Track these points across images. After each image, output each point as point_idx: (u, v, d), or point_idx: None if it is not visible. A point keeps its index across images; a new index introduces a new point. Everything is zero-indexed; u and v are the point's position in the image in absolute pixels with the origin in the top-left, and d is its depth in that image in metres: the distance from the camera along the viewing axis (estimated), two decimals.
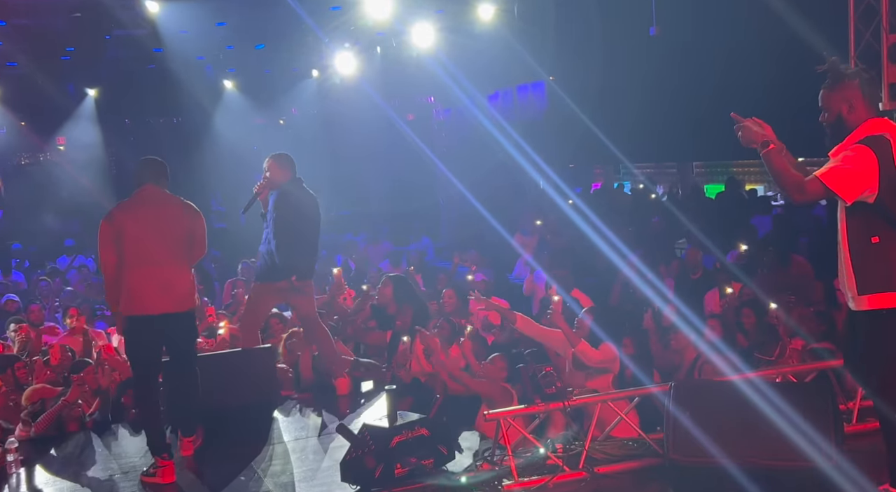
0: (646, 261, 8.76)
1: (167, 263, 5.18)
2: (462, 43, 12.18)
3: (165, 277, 5.16)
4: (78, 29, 11.36)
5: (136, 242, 5.13)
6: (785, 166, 3.81)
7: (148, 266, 5.13)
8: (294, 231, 6.36)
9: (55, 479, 5.40)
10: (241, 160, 16.91)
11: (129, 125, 18.21)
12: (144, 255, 5.13)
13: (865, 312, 3.84)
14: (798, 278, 8.07)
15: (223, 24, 12.26)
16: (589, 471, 4.70)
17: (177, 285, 5.21)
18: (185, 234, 5.29)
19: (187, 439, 5.51)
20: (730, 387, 4.82)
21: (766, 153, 3.81)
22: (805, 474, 4.23)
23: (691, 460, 4.44)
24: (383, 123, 15.49)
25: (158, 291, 5.12)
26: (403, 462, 4.65)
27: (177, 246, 5.25)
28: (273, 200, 6.46)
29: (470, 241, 12.13)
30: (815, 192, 3.77)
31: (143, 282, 5.11)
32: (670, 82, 11.18)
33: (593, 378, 5.71)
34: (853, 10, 6.99)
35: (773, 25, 9.06)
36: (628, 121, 11.86)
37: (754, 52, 9.98)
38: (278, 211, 6.38)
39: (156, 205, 5.27)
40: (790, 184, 3.79)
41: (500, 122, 13.33)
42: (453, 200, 15.09)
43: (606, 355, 5.69)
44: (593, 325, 5.83)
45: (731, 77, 10.30)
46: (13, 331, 7.69)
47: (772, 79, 9.72)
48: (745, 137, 3.89)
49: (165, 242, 5.20)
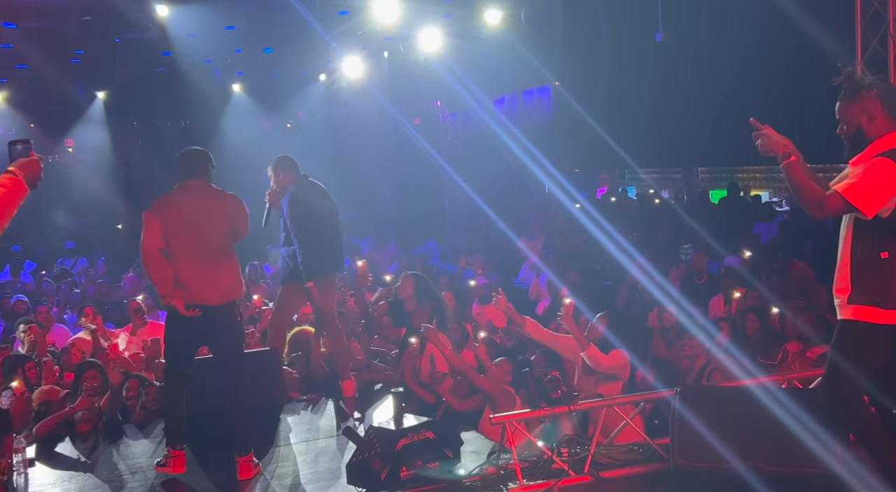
0: (652, 264, 8.79)
1: (210, 258, 5.15)
2: (469, 47, 12.21)
3: (208, 272, 5.14)
4: (88, 32, 11.41)
5: (177, 237, 5.10)
6: (805, 180, 3.70)
7: (189, 262, 5.10)
8: (310, 233, 6.46)
9: (62, 480, 5.42)
10: (248, 163, 16.95)
11: (138, 128, 18.28)
12: (186, 249, 5.11)
13: (846, 321, 3.81)
14: (800, 283, 8.08)
15: (232, 27, 12.30)
16: (594, 475, 4.71)
17: (222, 278, 5.19)
18: (228, 227, 5.27)
19: (243, 458, 5.14)
20: (735, 392, 4.84)
21: (786, 165, 3.71)
22: (811, 480, 4.25)
23: (697, 466, 4.45)
24: (390, 127, 15.54)
25: (202, 285, 5.11)
26: (409, 465, 4.67)
27: (219, 239, 5.22)
28: (285, 204, 6.54)
29: (476, 244, 12.16)
30: (835, 207, 3.68)
31: (186, 277, 5.09)
32: (677, 87, 11.19)
33: (603, 384, 5.72)
34: (860, 16, 6.99)
35: (780, 32, 9.09)
36: (634, 126, 11.88)
37: (761, 59, 9.99)
38: (292, 215, 6.48)
39: (195, 199, 5.24)
40: (810, 199, 3.69)
41: (507, 126, 13.36)
42: (459, 203, 15.12)
43: (617, 362, 5.68)
44: (607, 331, 5.82)
45: (738, 83, 10.32)
46: (23, 331, 7.73)
47: (779, 85, 9.73)
48: (765, 145, 3.79)
49: (206, 237, 5.16)
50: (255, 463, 5.19)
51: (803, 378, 5.35)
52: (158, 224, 5.10)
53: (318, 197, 6.63)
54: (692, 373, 6.43)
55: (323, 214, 6.61)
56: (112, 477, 5.40)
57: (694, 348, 6.58)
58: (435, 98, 16.80)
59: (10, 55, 12.96)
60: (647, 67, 11.54)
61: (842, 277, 3.83)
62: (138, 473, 5.41)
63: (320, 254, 6.50)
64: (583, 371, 5.81)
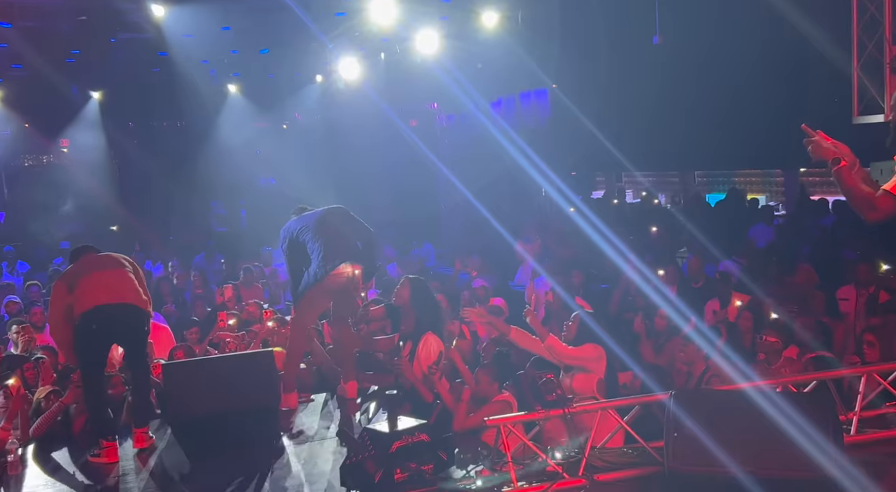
0: (648, 267, 8.77)
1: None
2: (466, 49, 12.21)
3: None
4: (83, 32, 11.41)
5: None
6: (855, 184, 3.65)
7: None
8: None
9: (52, 480, 5.40)
10: (243, 164, 16.95)
11: (133, 128, 18.26)
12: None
13: None
14: (802, 287, 8.07)
15: (228, 28, 12.29)
16: (589, 478, 4.70)
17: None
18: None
19: (140, 430, 5.83)
20: (729, 396, 4.83)
21: (836, 171, 3.66)
22: (805, 484, 4.24)
23: (691, 469, 4.44)
24: (386, 129, 15.52)
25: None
26: (403, 467, 4.65)
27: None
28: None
29: (472, 247, 12.14)
30: (886, 207, 3.61)
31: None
32: (674, 91, 11.20)
33: (576, 375, 5.65)
34: (856, 21, 7.01)
35: (776, 35, 9.10)
36: (631, 129, 11.89)
37: (758, 62, 10.00)
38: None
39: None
40: (862, 203, 3.64)
41: (504, 128, 13.36)
42: (456, 205, 15.10)
43: (585, 354, 5.62)
44: (581, 325, 5.78)
45: (735, 86, 10.32)
46: (15, 332, 7.69)
47: (776, 88, 9.74)
48: (815, 152, 3.74)
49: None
50: (149, 436, 5.83)
51: (798, 382, 5.35)
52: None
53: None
54: (692, 380, 6.39)
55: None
56: (104, 477, 5.38)
57: (691, 355, 6.54)
58: (432, 100, 16.81)
59: (6, 55, 12.95)
60: (644, 70, 11.54)
61: None
62: (130, 474, 5.39)
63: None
64: (563, 370, 5.78)
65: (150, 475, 5.38)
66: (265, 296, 10.06)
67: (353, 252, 6.56)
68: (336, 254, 6.46)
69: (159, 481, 5.27)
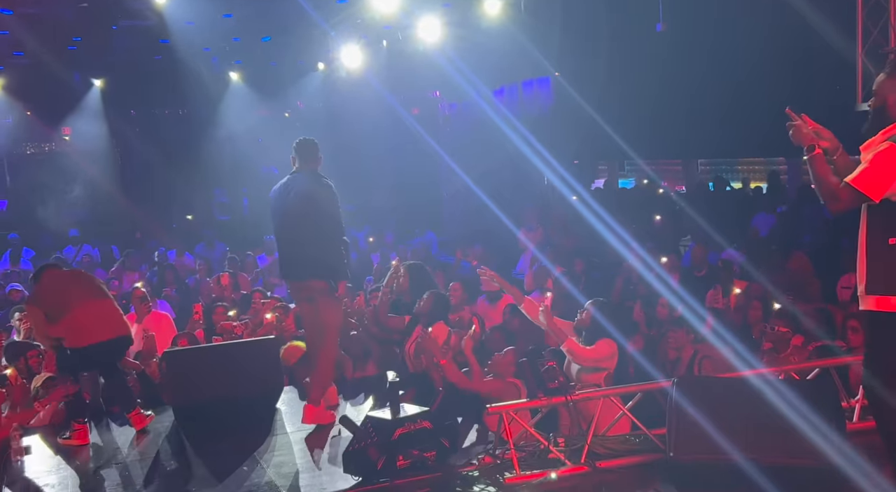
0: (651, 255, 8.77)
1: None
2: (468, 37, 12.15)
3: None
4: (85, 19, 11.37)
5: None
6: (824, 173, 3.65)
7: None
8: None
9: (57, 467, 5.42)
10: (245, 152, 16.92)
11: (135, 116, 18.21)
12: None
13: (869, 314, 3.80)
14: (797, 275, 8.07)
15: (229, 16, 12.25)
16: (591, 465, 4.70)
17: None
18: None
19: (132, 413, 5.99)
20: (732, 383, 4.83)
21: (810, 157, 3.68)
22: (808, 471, 4.24)
23: (693, 457, 4.44)
24: (389, 117, 15.48)
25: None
26: (406, 454, 4.66)
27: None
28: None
29: (475, 235, 12.14)
30: (849, 198, 3.64)
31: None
32: (677, 79, 11.14)
33: (586, 374, 5.66)
34: (861, 7, 6.97)
35: (780, 22, 9.05)
36: (634, 117, 11.84)
37: (762, 49, 9.94)
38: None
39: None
40: (826, 192, 3.65)
41: (507, 116, 13.31)
42: (458, 194, 15.07)
43: (600, 353, 5.60)
44: (594, 318, 5.76)
45: (739, 74, 10.27)
46: (18, 320, 7.71)
47: (780, 76, 9.69)
48: (794, 136, 3.76)
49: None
50: (144, 414, 6.01)
51: (801, 369, 5.35)
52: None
53: (298, 196, 5.95)
54: (682, 364, 6.41)
55: (295, 215, 5.89)
56: (107, 464, 5.40)
57: (679, 340, 6.56)
58: (434, 88, 16.74)
59: (7, 42, 12.92)
60: (648, 58, 11.48)
61: (859, 267, 3.80)
62: (132, 460, 5.40)
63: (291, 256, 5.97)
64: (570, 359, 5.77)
65: (152, 462, 5.40)
66: (258, 284, 10.08)
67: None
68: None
69: (162, 468, 5.29)
